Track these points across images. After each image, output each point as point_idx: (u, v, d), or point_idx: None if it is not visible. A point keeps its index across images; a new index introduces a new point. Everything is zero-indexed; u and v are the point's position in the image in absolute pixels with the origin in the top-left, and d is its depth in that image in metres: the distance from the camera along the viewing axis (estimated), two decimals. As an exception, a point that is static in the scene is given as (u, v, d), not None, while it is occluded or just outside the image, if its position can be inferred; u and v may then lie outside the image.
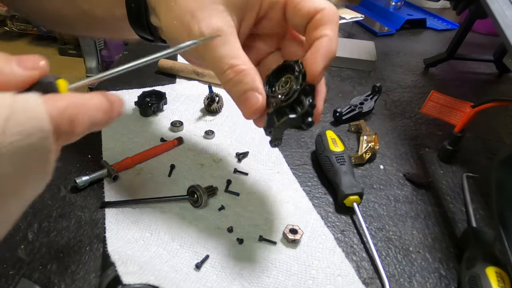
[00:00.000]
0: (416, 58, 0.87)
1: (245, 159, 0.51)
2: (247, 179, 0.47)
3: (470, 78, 0.81)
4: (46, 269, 0.36)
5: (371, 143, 0.52)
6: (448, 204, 0.47)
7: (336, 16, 0.31)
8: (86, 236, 0.39)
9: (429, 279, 0.38)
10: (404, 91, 0.73)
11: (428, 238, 0.43)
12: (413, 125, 0.62)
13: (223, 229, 0.40)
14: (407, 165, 0.53)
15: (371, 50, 0.82)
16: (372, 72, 0.79)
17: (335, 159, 0.47)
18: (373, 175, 0.51)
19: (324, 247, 0.39)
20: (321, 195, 0.47)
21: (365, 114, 0.62)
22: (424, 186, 0.49)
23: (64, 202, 0.43)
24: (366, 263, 0.39)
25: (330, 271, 0.37)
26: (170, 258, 0.37)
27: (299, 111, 0.30)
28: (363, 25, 1.03)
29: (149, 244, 0.38)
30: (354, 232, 0.42)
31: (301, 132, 0.57)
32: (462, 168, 0.53)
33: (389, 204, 0.47)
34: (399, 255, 0.40)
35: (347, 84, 0.74)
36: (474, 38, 1.01)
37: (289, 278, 0.36)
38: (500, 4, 0.48)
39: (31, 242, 0.38)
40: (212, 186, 0.44)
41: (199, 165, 0.49)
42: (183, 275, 0.35)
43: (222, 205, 0.43)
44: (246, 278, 0.36)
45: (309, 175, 0.50)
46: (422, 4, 1.20)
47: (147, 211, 0.42)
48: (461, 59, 0.82)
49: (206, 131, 0.54)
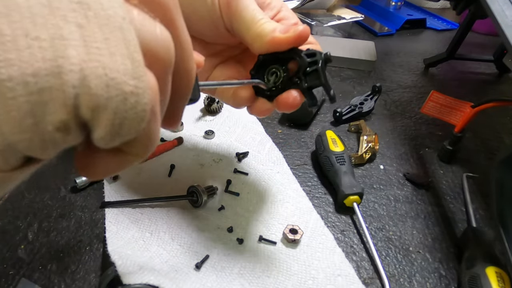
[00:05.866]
0: (416, 58, 0.87)
1: (245, 159, 0.51)
2: (247, 179, 0.47)
3: (470, 78, 0.81)
4: (46, 269, 0.36)
5: (371, 143, 0.52)
6: (448, 204, 0.47)
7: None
8: (86, 236, 0.39)
9: (429, 279, 0.38)
10: (404, 91, 0.73)
11: (428, 238, 0.43)
12: (413, 125, 0.62)
13: (223, 229, 0.40)
14: (407, 165, 0.53)
15: (371, 50, 0.82)
16: (372, 72, 0.79)
17: (335, 159, 0.47)
18: (373, 175, 0.51)
19: (324, 247, 0.39)
20: (321, 195, 0.47)
21: (365, 114, 0.62)
22: (424, 186, 0.49)
23: (64, 202, 0.43)
24: (366, 263, 0.39)
25: (330, 271, 0.37)
26: (170, 258, 0.37)
27: (308, 62, 0.30)
28: (363, 25, 1.03)
29: (149, 244, 0.38)
30: (354, 232, 0.42)
31: (301, 132, 0.57)
32: (462, 168, 0.53)
33: (389, 204, 0.47)
34: (399, 255, 0.40)
35: (347, 84, 0.74)
36: (474, 38, 1.01)
37: (289, 278, 0.36)
38: (500, 4, 0.48)
39: (31, 242, 0.38)
40: (212, 186, 0.44)
41: (199, 165, 0.49)
42: (183, 275, 0.35)
43: (222, 205, 0.43)
44: (246, 278, 0.36)
45: (309, 175, 0.50)
46: (422, 4, 1.20)
47: (147, 211, 0.42)
48: (461, 59, 0.82)
49: (206, 131, 0.54)
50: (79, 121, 0.13)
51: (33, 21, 0.12)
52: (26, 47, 0.12)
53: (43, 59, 0.12)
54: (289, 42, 0.30)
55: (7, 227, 0.40)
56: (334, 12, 0.99)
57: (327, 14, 0.98)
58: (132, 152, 0.16)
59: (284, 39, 0.29)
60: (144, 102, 0.14)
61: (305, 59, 0.30)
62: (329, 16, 0.96)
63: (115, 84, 0.13)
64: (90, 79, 0.12)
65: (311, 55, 0.30)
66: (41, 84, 0.12)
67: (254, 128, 0.56)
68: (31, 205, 0.42)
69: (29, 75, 0.12)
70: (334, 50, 0.80)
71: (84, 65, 0.12)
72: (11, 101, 0.12)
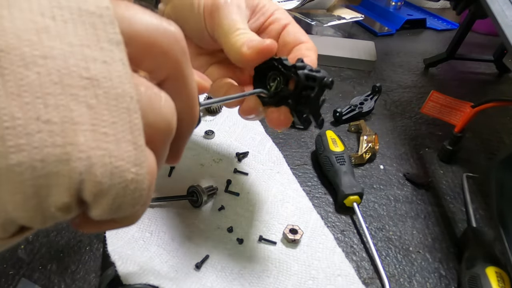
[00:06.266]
0: (416, 58, 0.87)
1: (245, 159, 0.51)
2: (247, 179, 0.47)
3: (470, 78, 0.81)
4: (46, 269, 0.36)
5: (371, 143, 0.52)
6: (448, 204, 0.47)
7: (316, 50, 0.33)
8: (86, 236, 0.39)
9: (429, 279, 0.38)
10: (404, 91, 0.73)
11: (428, 238, 0.43)
12: (413, 125, 0.62)
13: (223, 229, 0.40)
14: (407, 165, 0.53)
15: (371, 50, 0.82)
16: (372, 72, 0.79)
17: (335, 159, 0.47)
18: (373, 175, 0.51)
19: (324, 247, 0.39)
20: (321, 195, 0.47)
21: (365, 114, 0.62)
22: (424, 186, 0.49)
23: (64, 202, 0.43)
24: (366, 263, 0.39)
25: (330, 271, 0.37)
26: (170, 258, 0.37)
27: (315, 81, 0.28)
28: (363, 25, 1.03)
29: (149, 244, 0.38)
30: (354, 232, 0.42)
31: (301, 132, 0.57)
32: (462, 168, 0.53)
33: (389, 204, 0.47)
34: (399, 255, 0.40)
35: (347, 84, 0.74)
36: (474, 38, 1.01)
37: (289, 278, 0.36)
38: (500, 4, 0.48)
39: (31, 242, 0.38)
40: (212, 186, 0.44)
41: (199, 165, 0.49)
42: (183, 275, 0.35)
43: (222, 205, 0.43)
44: (246, 278, 0.36)
45: (309, 175, 0.50)
46: (422, 4, 1.20)
47: (147, 211, 0.42)
48: (461, 59, 0.82)
49: (206, 131, 0.54)
50: (79, 201, 0.13)
51: (45, 102, 0.12)
52: (36, 131, 0.12)
53: (53, 145, 0.12)
54: (252, 58, 0.29)
55: (7, 227, 0.40)
56: (334, 12, 0.99)
57: (327, 14, 0.98)
58: (123, 222, 0.16)
59: (248, 55, 0.29)
60: (142, 188, 0.14)
61: (303, 81, 0.28)
62: (329, 16, 0.96)
63: (119, 172, 0.13)
64: (96, 168, 0.13)
65: (310, 78, 0.28)
66: (49, 169, 0.12)
67: (254, 128, 0.56)
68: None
69: (38, 160, 0.12)
70: (334, 50, 0.80)
71: (91, 153, 0.13)
72: (18, 184, 0.12)
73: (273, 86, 0.31)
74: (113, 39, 0.14)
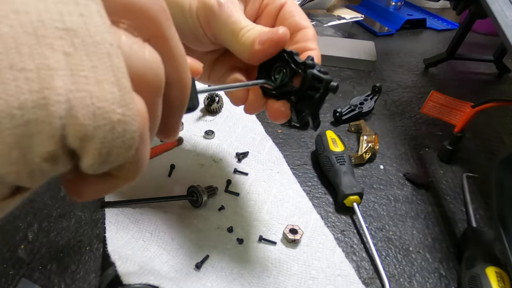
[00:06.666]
0: (416, 58, 0.87)
1: (245, 159, 0.51)
2: (247, 179, 0.47)
3: (470, 78, 0.81)
4: (46, 269, 0.36)
5: (371, 143, 0.52)
6: (448, 204, 0.47)
7: (316, 36, 0.33)
8: (86, 236, 0.39)
9: (429, 279, 0.38)
10: (404, 91, 0.73)
11: (428, 238, 0.43)
12: (413, 125, 0.62)
13: (223, 229, 0.40)
14: (407, 165, 0.53)
15: (371, 50, 0.82)
16: (372, 72, 0.79)
17: (335, 159, 0.47)
18: (373, 175, 0.51)
19: (324, 247, 0.39)
20: (321, 195, 0.47)
21: (365, 114, 0.62)
22: (424, 186, 0.49)
23: (64, 202, 0.43)
24: (366, 263, 0.39)
25: (330, 271, 0.37)
26: (170, 258, 0.37)
27: (321, 81, 0.28)
28: (363, 25, 1.03)
29: (149, 244, 0.38)
30: (354, 232, 0.42)
31: (301, 132, 0.57)
32: (462, 168, 0.53)
33: (389, 204, 0.47)
34: (399, 255, 0.40)
35: (347, 84, 0.74)
36: (474, 38, 1.01)
37: (289, 278, 0.36)
38: (500, 4, 0.48)
39: (31, 242, 0.38)
40: (212, 186, 0.44)
41: (199, 165, 0.49)
42: (183, 275, 0.35)
43: (222, 205, 0.43)
44: (246, 278, 0.36)
45: (309, 175, 0.50)
46: (422, 4, 1.20)
47: (147, 211, 0.42)
48: (461, 59, 0.82)
49: (206, 131, 0.54)
50: (66, 150, 0.13)
51: (18, 51, 0.12)
52: (12, 80, 0.11)
53: (30, 91, 0.12)
54: (266, 53, 0.29)
55: (7, 227, 0.40)
56: (334, 12, 0.99)
57: (327, 14, 0.98)
58: (121, 176, 0.16)
59: (261, 51, 0.29)
60: (132, 130, 0.14)
61: (310, 80, 0.28)
62: (329, 16, 0.96)
63: (102, 113, 0.13)
64: (77, 109, 0.12)
65: (317, 79, 0.28)
66: (27, 117, 0.12)
67: (254, 128, 0.56)
68: (31, 205, 0.42)
69: (15, 108, 0.11)
70: (334, 50, 0.80)
71: (70, 95, 0.12)
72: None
73: (279, 79, 0.30)
74: None
